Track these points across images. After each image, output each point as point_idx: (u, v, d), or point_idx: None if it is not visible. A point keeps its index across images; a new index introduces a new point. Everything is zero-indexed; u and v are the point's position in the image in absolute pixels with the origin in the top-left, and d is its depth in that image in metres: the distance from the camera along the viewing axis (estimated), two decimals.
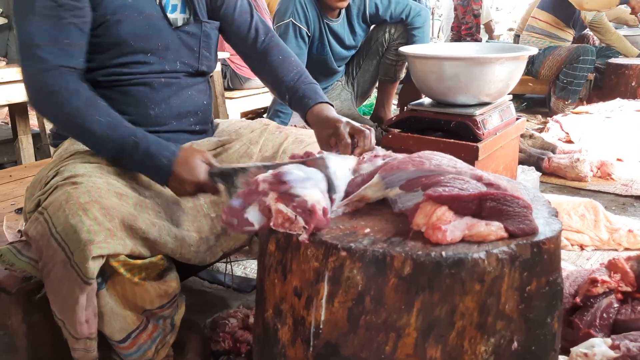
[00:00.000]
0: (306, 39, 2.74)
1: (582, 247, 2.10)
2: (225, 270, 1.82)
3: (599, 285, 1.41)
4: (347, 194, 1.14)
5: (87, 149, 1.31)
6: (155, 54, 1.39)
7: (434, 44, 4.00)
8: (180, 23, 1.44)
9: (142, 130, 1.28)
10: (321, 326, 1.03)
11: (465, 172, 1.10)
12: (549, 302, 1.03)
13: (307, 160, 1.13)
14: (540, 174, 2.89)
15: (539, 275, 1.01)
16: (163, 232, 1.23)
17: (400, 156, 1.20)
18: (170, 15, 1.42)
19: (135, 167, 1.29)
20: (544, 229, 1.04)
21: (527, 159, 3.12)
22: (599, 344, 1.19)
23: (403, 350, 0.98)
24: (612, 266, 1.47)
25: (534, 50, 2.25)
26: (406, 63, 2.95)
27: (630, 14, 4.83)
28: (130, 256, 1.17)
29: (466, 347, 0.98)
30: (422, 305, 0.96)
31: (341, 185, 1.15)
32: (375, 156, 1.22)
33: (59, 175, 1.23)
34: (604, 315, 1.37)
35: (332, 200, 1.12)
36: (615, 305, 1.39)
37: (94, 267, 1.10)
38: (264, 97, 3.72)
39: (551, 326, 1.04)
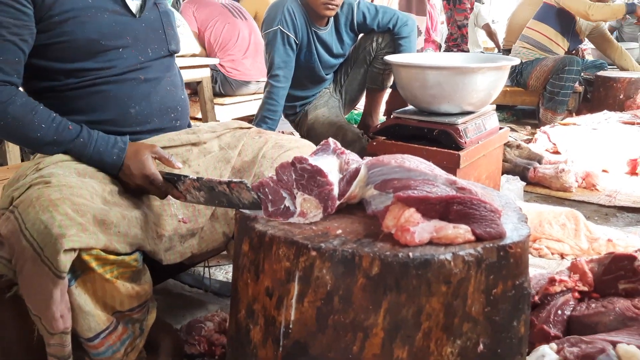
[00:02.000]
0: (294, 46, 2.76)
1: (562, 256, 2.12)
2: (203, 273, 1.83)
3: (556, 284, 1.44)
4: (341, 195, 1.15)
5: (57, 159, 1.33)
6: (127, 47, 1.41)
7: (419, 54, 4.03)
8: (136, 9, 1.46)
9: (87, 128, 1.33)
10: (291, 326, 1.04)
11: (440, 176, 1.13)
12: (515, 306, 1.04)
13: (230, 182, 1.17)
14: (525, 183, 2.91)
15: (505, 278, 1.02)
16: (132, 224, 1.25)
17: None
18: (130, 6, 1.43)
19: (85, 163, 1.33)
20: (512, 234, 1.06)
21: (513, 169, 3.15)
22: (549, 353, 1.21)
23: (370, 350, 0.99)
24: (573, 267, 1.50)
25: (515, 61, 2.27)
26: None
27: (636, 23, 4.83)
28: (103, 251, 1.18)
29: (432, 348, 1.00)
30: (389, 306, 0.98)
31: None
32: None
33: (33, 174, 1.25)
34: (559, 312, 1.40)
35: None
36: (571, 303, 1.42)
37: (66, 260, 1.11)
38: (256, 104, 3.73)
39: (517, 330, 1.06)
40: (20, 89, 1.33)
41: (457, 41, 6.14)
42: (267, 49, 2.78)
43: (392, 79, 2.99)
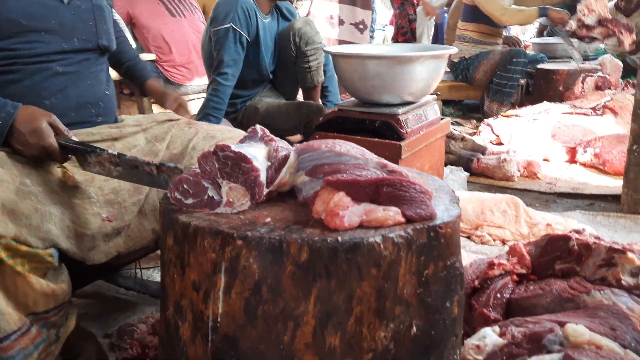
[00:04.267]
0: (245, 44, 2.74)
1: (503, 242, 2.14)
2: (135, 274, 1.76)
3: (495, 268, 1.44)
4: (269, 182, 1.10)
5: None
6: (51, 32, 1.36)
7: (358, 45, 4.04)
8: None
9: None
10: (219, 319, 1.00)
11: (371, 160, 1.10)
12: (447, 287, 1.03)
13: (162, 165, 1.12)
14: (468, 174, 2.95)
15: (436, 259, 1.01)
16: (46, 219, 1.17)
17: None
18: None
19: None
20: (443, 214, 1.04)
21: (457, 160, 3.19)
22: (490, 334, 1.20)
23: (301, 339, 0.96)
24: (511, 251, 1.51)
25: (453, 50, 2.29)
26: (321, 67, 3.00)
27: (553, 25, 4.99)
28: (14, 241, 1.10)
29: (365, 333, 0.97)
30: (319, 293, 0.95)
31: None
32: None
33: None
34: (498, 295, 1.40)
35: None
36: (510, 286, 1.43)
37: None
38: (199, 103, 3.66)
39: (450, 311, 1.05)
40: None
41: (407, 35, 6.16)
42: (215, 46, 2.74)
43: (321, 73, 3.01)
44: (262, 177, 1.07)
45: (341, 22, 4.88)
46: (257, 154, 1.10)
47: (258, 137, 1.18)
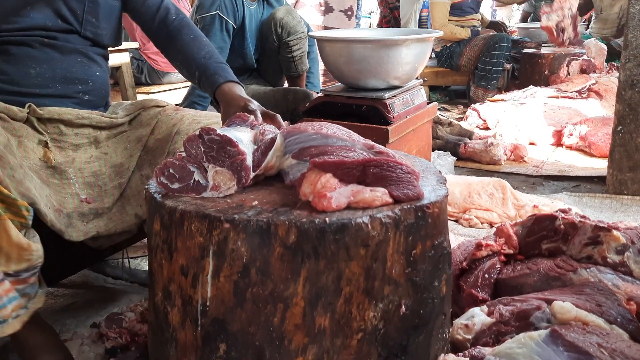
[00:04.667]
0: (231, 32, 2.72)
1: (491, 225, 2.16)
2: (122, 263, 1.75)
3: (483, 249, 1.45)
4: (256, 166, 1.09)
5: None
6: (35, 10, 1.35)
7: (342, 30, 4.03)
8: None
9: None
10: (208, 303, 0.99)
11: (358, 141, 1.10)
12: (435, 266, 1.04)
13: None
14: (456, 158, 2.96)
15: (424, 239, 1.01)
16: (28, 178, 1.16)
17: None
18: None
19: None
20: (430, 195, 1.04)
21: (444, 145, 3.19)
22: (478, 314, 1.21)
23: (291, 320, 0.96)
24: (498, 232, 1.52)
25: (438, 33, 2.29)
26: (305, 55, 2.99)
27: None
28: None
29: (355, 313, 0.97)
30: (308, 274, 0.95)
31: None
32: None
33: None
34: (486, 275, 1.41)
35: None
36: (498, 266, 1.44)
37: None
38: (183, 92, 3.63)
39: (439, 290, 1.05)
40: None
41: (390, 23, 6.14)
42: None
43: (305, 62, 3.00)
44: (249, 161, 1.06)
45: (330, 9, 4.85)
46: (243, 137, 1.09)
47: (244, 121, 1.17)
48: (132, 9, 1.56)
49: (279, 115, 1.30)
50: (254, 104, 1.33)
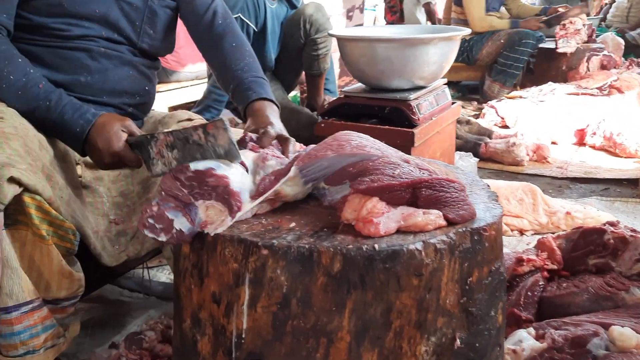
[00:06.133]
0: (251, 35, 2.67)
1: (521, 232, 2.07)
2: (143, 275, 1.67)
3: (524, 264, 1.36)
4: (260, 192, 0.98)
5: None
6: (91, 20, 1.30)
7: (364, 27, 3.93)
8: None
9: (64, 94, 1.20)
10: (243, 335, 0.91)
11: (390, 154, 1.00)
12: (491, 294, 0.95)
13: (206, 125, 1.00)
14: (478, 159, 2.86)
15: (480, 264, 0.92)
16: (73, 199, 1.12)
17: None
18: None
19: (50, 133, 1.19)
20: (484, 215, 0.96)
21: (464, 145, 3.10)
22: (526, 337, 1.13)
23: (336, 356, 0.88)
24: (540, 245, 1.43)
25: (466, 31, 2.19)
26: (329, 54, 2.92)
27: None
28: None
29: (405, 348, 0.89)
30: (354, 306, 0.86)
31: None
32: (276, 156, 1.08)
33: None
34: (529, 293, 1.33)
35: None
36: (541, 283, 1.36)
37: (9, 190, 0.96)
38: (193, 90, 3.55)
39: (495, 320, 0.96)
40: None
41: (396, 15, 5.98)
42: None
43: (328, 61, 2.95)
44: (235, 185, 0.94)
45: None
46: (222, 161, 0.98)
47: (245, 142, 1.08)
48: (182, 13, 1.49)
49: (292, 140, 1.17)
50: (272, 128, 1.21)
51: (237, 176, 0.96)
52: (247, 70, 1.42)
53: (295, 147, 1.16)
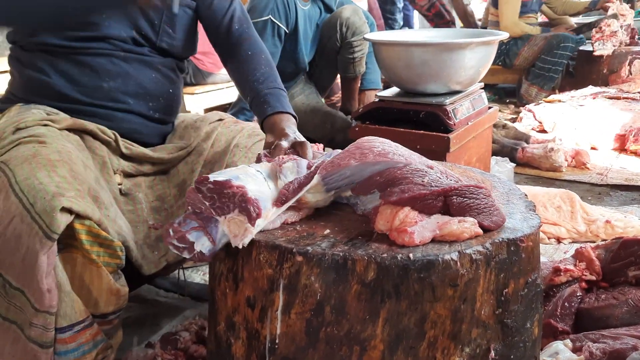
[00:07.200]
0: (283, 37, 2.69)
1: (559, 240, 2.03)
2: (178, 276, 1.69)
3: (562, 274, 1.33)
4: (282, 200, 0.97)
5: (40, 117, 1.21)
6: (110, 17, 1.30)
7: (401, 31, 3.91)
8: None
9: None
10: (277, 340, 0.92)
11: (414, 159, 0.98)
12: (527, 306, 0.93)
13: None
14: (515, 164, 2.81)
15: (516, 276, 0.91)
16: (118, 215, 1.14)
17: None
18: None
19: None
20: (521, 225, 0.94)
21: (500, 150, 3.05)
22: (563, 350, 1.11)
23: None
24: (578, 255, 1.39)
25: (504, 35, 2.16)
26: (365, 57, 2.91)
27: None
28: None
29: (439, 359, 0.88)
30: (388, 315, 0.86)
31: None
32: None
33: (18, 134, 1.14)
34: (566, 304, 1.30)
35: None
36: (579, 294, 1.32)
37: (62, 220, 0.99)
38: (228, 92, 3.58)
39: (531, 332, 0.95)
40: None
41: (430, 11, 5.82)
42: None
43: (363, 64, 2.95)
44: (252, 193, 0.93)
45: None
46: (241, 172, 0.97)
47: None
48: (201, 17, 1.48)
49: (308, 144, 1.17)
50: (287, 140, 1.20)
51: (255, 185, 0.95)
52: (262, 81, 1.40)
53: (313, 148, 1.17)
